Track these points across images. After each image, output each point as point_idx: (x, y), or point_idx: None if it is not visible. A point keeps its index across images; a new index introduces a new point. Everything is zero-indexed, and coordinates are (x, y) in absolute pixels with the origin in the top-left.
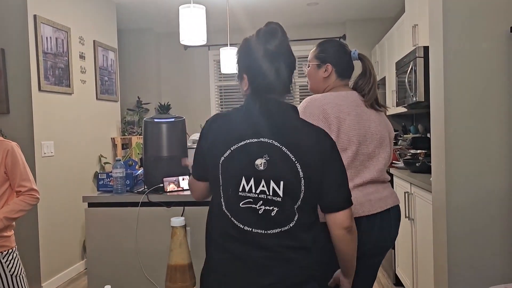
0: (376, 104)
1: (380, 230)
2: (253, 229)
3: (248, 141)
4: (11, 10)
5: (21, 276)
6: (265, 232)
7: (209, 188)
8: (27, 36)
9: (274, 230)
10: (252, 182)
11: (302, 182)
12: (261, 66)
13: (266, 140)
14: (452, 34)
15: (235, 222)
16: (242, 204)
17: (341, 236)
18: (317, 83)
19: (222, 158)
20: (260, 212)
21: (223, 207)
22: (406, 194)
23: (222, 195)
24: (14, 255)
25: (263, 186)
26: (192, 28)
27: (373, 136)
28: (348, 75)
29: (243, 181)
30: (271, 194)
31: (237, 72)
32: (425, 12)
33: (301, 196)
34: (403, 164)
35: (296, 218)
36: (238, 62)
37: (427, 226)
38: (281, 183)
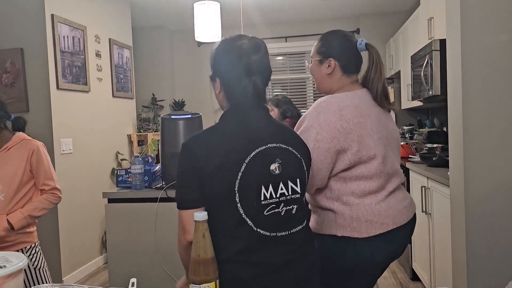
0: (385, 101)
1: (406, 237)
2: (278, 233)
3: (258, 150)
4: (29, 10)
5: (44, 269)
6: (289, 232)
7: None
8: (45, 36)
9: (296, 228)
10: (270, 188)
11: (306, 174)
12: (242, 78)
13: (274, 145)
14: (470, 27)
15: (261, 231)
16: (266, 212)
17: None
18: (321, 81)
19: (240, 174)
20: (282, 214)
21: (248, 221)
22: (423, 189)
23: (242, 211)
24: (37, 249)
25: (281, 189)
26: (207, 25)
27: (393, 136)
28: (354, 70)
29: (263, 190)
30: (290, 193)
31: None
32: (441, 5)
33: (306, 188)
34: (419, 159)
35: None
36: (216, 64)
37: (445, 221)
38: (298, 180)
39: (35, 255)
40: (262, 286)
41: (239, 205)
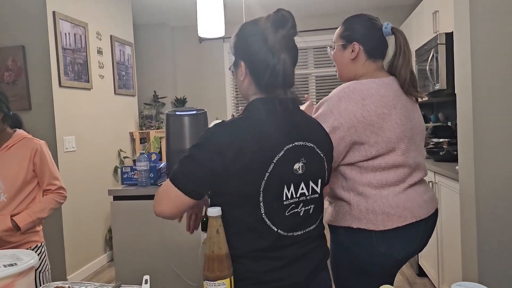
0: (413, 89)
1: (431, 232)
2: (294, 233)
3: (285, 148)
4: (30, 8)
5: (45, 272)
6: (304, 231)
7: (190, 208)
8: (47, 33)
9: (310, 227)
10: (292, 188)
11: (327, 174)
12: (270, 58)
13: (300, 143)
14: (479, 18)
15: (281, 232)
16: (287, 213)
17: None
18: (344, 67)
19: (267, 174)
20: (301, 214)
21: (267, 221)
22: (431, 184)
23: (263, 211)
24: (42, 250)
25: (302, 189)
26: (210, 20)
27: (418, 129)
28: (380, 55)
29: (285, 190)
30: (310, 193)
31: (234, 55)
32: None
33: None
34: (426, 153)
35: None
36: (237, 48)
37: (453, 216)
38: (319, 181)
39: (39, 255)
40: (275, 278)
41: (261, 204)
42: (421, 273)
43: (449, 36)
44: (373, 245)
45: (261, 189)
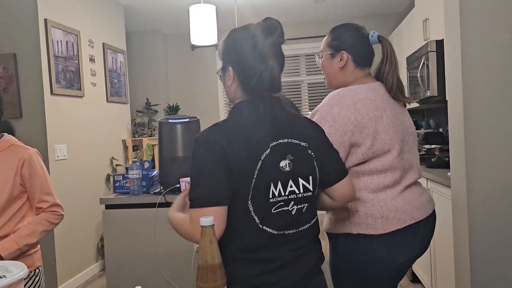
0: (400, 94)
1: (430, 234)
2: (285, 231)
3: (271, 145)
4: (22, 15)
5: None
6: (296, 230)
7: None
8: (38, 40)
9: (304, 227)
10: (279, 185)
11: (317, 171)
12: (258, 64)
13: (285, 140)
14: (469, 26)
15: (268, 229)
16: (274, 210)
17: (350, 199)
18: (333, 75)
19: (256, 172)
20: (293, 213)
21: (255, 219)
22: None
23: (251, 208)
24: (37, 278)
25: (291, 186)
26: (203, 28)
27: (409, 131)
28: (367, 63)
29: (272, 187)
30: (301, 191)
31: (222, 60)
32: (436, 5)
33: (317, 186)
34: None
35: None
36: (226, 53)
37: (446, 222)
38: (310, 178)
39: (33, 285)
40: (266, 282)
41: (249, 202)
42: (414, 279)
43: (440, 44)
44: (373, 250)
45: (251, 186)
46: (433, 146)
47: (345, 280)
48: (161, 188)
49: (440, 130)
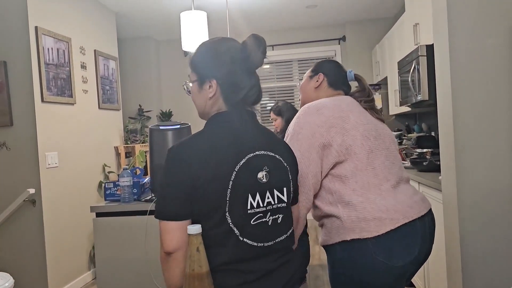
0: (374, 111)
1: (430, 235)
2: (264, 244)
3: (247, 157)
4: (12, 23)
5: None
6: (274, 242)
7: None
8: (29, 48)
9: (281, 238)
10: (258, 197)
11: (292, 183)
12: (247, 78)
13: (262, 152)
14: (457, 31)
15: (248, 241)
16: (253, 221)
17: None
18: (308, 95)
19: (231, 183)
20: (270, 224)
21: (235, 231)
22: None
23: (229, 221)
24: None
25: (268, 198)
26: (194, 34)
27: (384, 132)
28: (341, 87)
29: (250, 199)
30: (276, 202)
31: (198, 72)
32: (426, 10)
33: (292, 198)
34: (410, 164)
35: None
36: (207, 66)
37: (437, 226)
38: (284, 189)
39: None
40: None
41: (227, 214)
42: (410, 284)
43: (430, 48)
44: (371, 254)
45: (227, 199)
46: (424, 150)
47: None
48: (152, 195)
49: (433, 133)
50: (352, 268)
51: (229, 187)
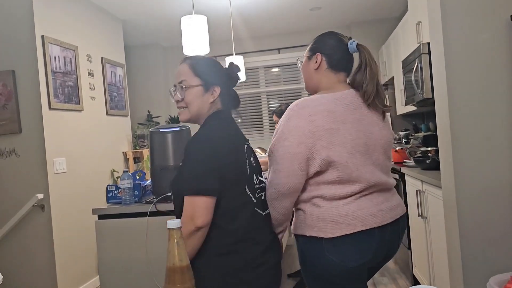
0: (377, 102)
1: (390, 242)
2: (266, 211)
3: (245, 145)
4: (19, 32)
5: None
6: (268, 212)
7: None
8: (36, 57)
9: (267, 211)
10: (254, 176)
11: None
12: (230, 87)
13: (248, 143)
14: (452, 27)
15: (258, 210)
16: (257, 194)
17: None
18: (309, 77)
19: (247, 161)
20: (262, 198)
21: (253, 199)
22: (418, 192)
23: (248, 192)
24: None
25: (257, 178)
26: (195, 38)
27: (376, 142)
28: (342, 68)
29: (254, 177)
30: (258, 183)
31: (204, 79)
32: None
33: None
34: (413, 163)
35: None
36: (216, 75)
37: (440, 223)
38: (262, 172)
39: None
40: (258, 263)
41: (246, 187)
42: (415, 283)
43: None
44: (323, 252)
45: (247, 174)
46: (428, 148)
47: (309, 279)
48: (153, 197)
49: None
50: (310, 261)
51: (247, 164)
